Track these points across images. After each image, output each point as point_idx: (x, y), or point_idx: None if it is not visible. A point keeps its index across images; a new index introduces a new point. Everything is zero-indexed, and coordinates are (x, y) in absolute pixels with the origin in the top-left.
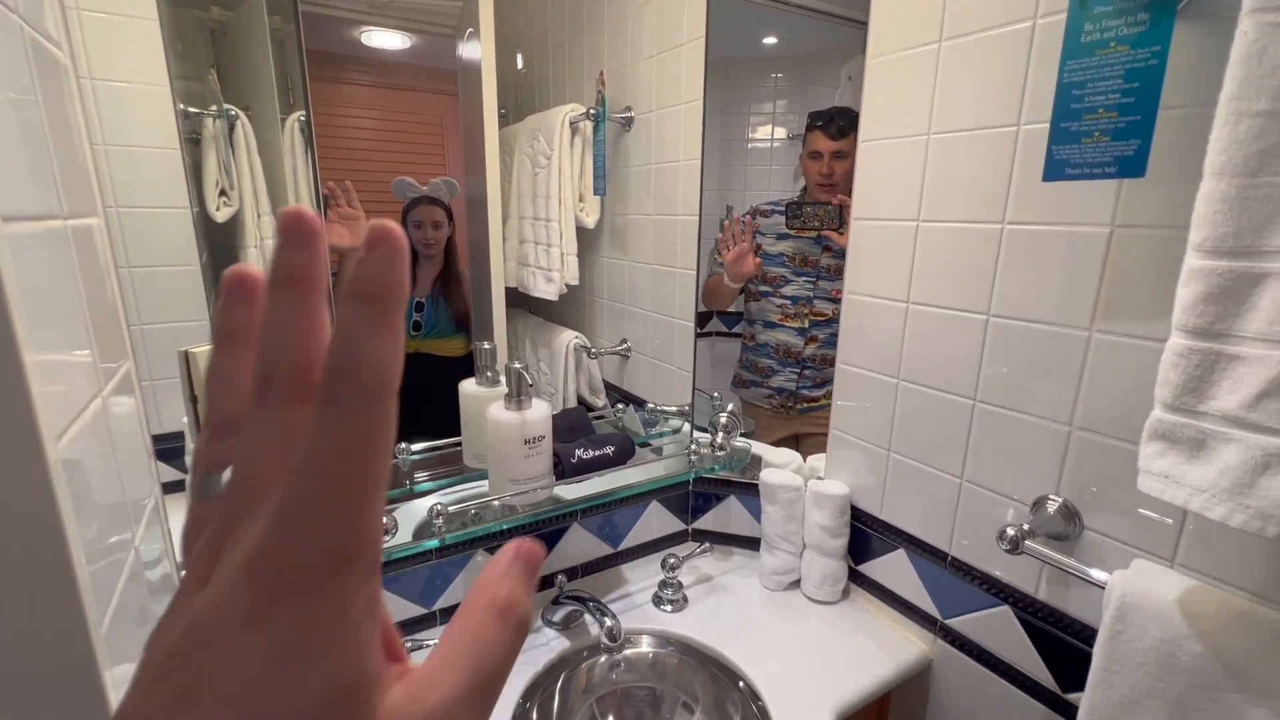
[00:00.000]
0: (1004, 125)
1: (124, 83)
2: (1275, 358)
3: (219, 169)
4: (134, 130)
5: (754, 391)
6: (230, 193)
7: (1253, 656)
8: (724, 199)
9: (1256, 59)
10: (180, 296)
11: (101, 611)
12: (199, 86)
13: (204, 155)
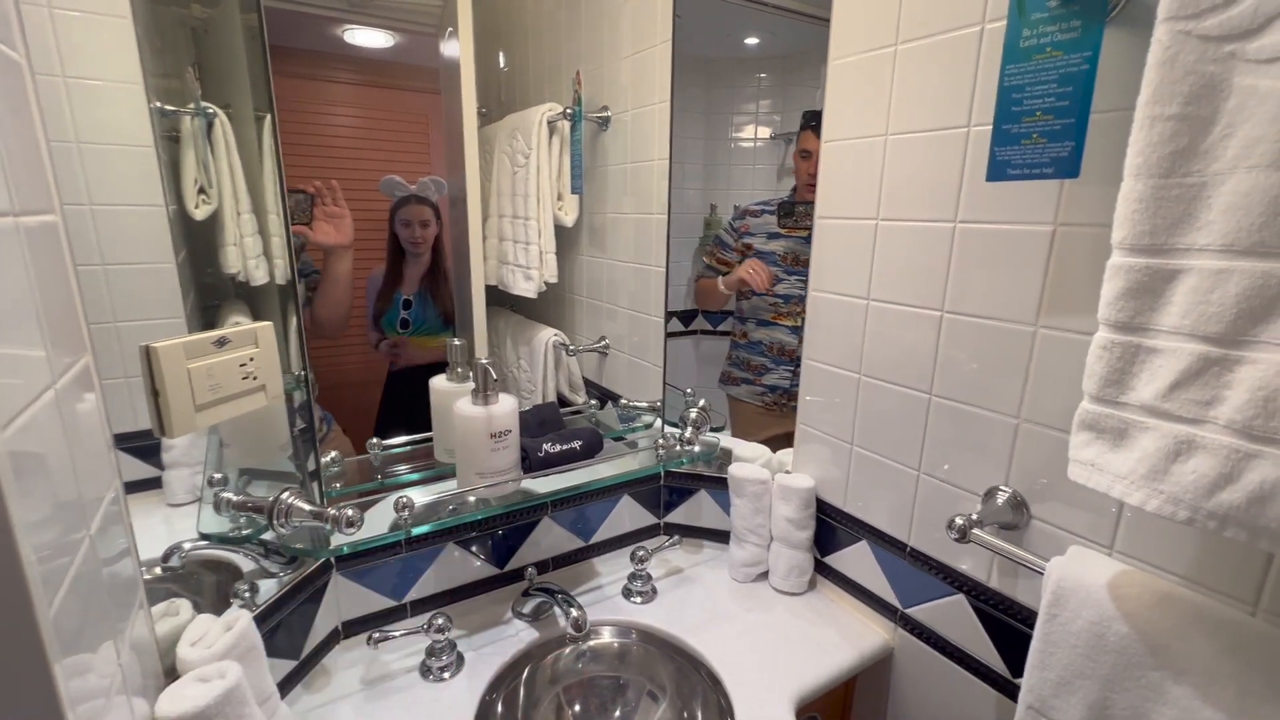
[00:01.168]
0: (955, 126)
1: (99, 81)
2: (1186, 350)
3: (198, 167)
4: (108, 128)
5: (745, 389)
6: (209, 190)
7: (1173, 635)
8: (708, 198)
9: (1169, 65)
10: (155, 294)
11: (49, 598)
12: (178, 84)
13: (182, 153)
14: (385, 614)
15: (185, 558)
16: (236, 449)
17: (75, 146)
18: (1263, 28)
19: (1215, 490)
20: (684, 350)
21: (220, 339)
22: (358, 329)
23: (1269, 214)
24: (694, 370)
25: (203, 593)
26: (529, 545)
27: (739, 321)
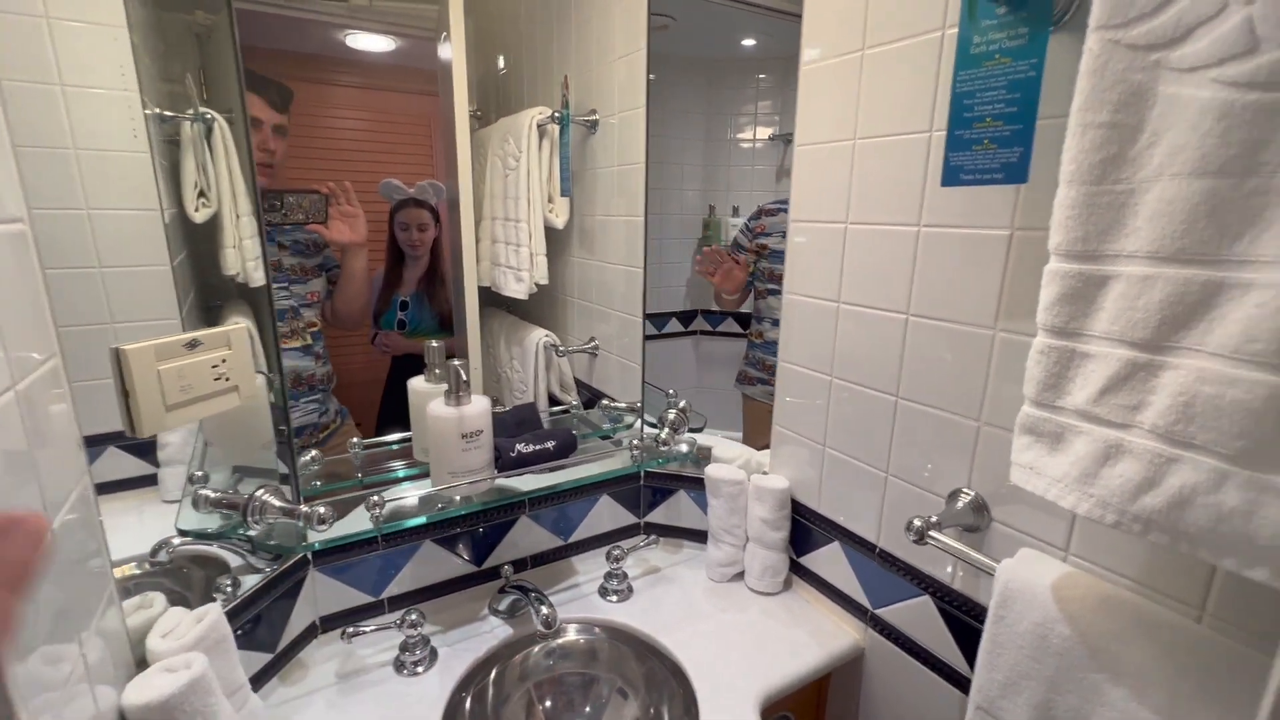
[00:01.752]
0: (918, 131)
1: (98, 89)
2: (1115, 355)
3: (198, 171)
4: (105, 135)
5: (760, 389)
6: (209, 194)
7: (1111, 637)
8: (707, 198)
9: (1099, 73)
10: (150, 296)
11: None
12: (180, 89)
13: (183, 157)
14: (363, 609)
15: (173, 553)
16: (220, 448)
17: (73, 153)
18: (1185, 37)
19: (1139, 494)
20: (684, 350)
21: (191, 341)
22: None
23: (1189, 221)
24: (694, 370)
25: (191, 587)
26: (507, 544)
27: (756, 321)
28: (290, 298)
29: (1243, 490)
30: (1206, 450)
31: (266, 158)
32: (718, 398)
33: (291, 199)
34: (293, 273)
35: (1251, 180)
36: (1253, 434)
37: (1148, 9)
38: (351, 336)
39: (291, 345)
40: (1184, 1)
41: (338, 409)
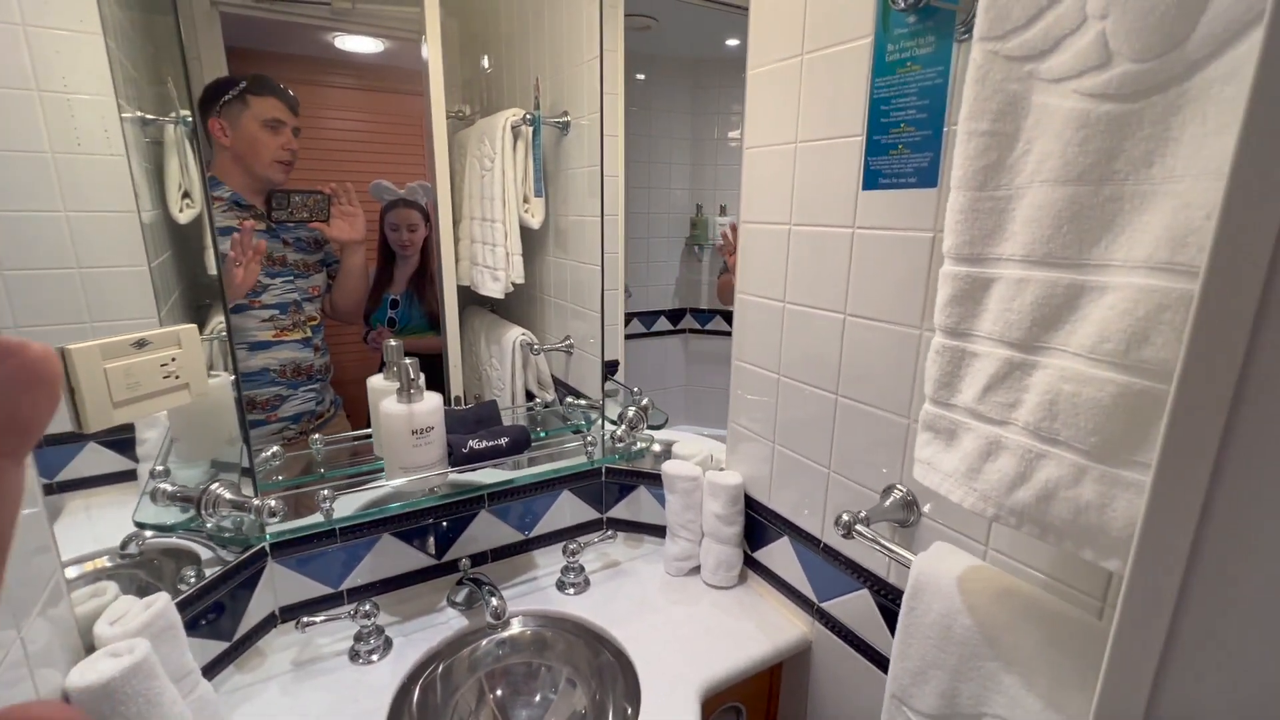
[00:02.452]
0: (851, 135)
1: (78, 95)
2: (997, 355)
3: (181, 172)
4: (85, 138)
5: None
6: (192, 194)
7: (1004, 627)
8: (694, 197)
9: (981, 83)
10: (128, 296)
11: None
12: (163, 92)
13: (166, 159)
14: (322, 600)
15: (144, 546)
16: (186, 442)
17: (50, 156)
18: (1053, 48)
19: (1014, 488)
20: (673, 348)
21: (140, 340)
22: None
23: (1055, 226)
24: (682, 368)
25: (163, 579)
26: (467, 538)
27: None
28: (294, 291)
29: (1097, 484)
30: (1067, 446)
31: (289, 157)
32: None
33: (297, 198)
34: (296, 268)
35: (1107, 187)
36: (1104, 430)
37: (1021, 22)
38: (349, 332)
39: (293, 337)
40: (1051, 15)
41: (333, 399)
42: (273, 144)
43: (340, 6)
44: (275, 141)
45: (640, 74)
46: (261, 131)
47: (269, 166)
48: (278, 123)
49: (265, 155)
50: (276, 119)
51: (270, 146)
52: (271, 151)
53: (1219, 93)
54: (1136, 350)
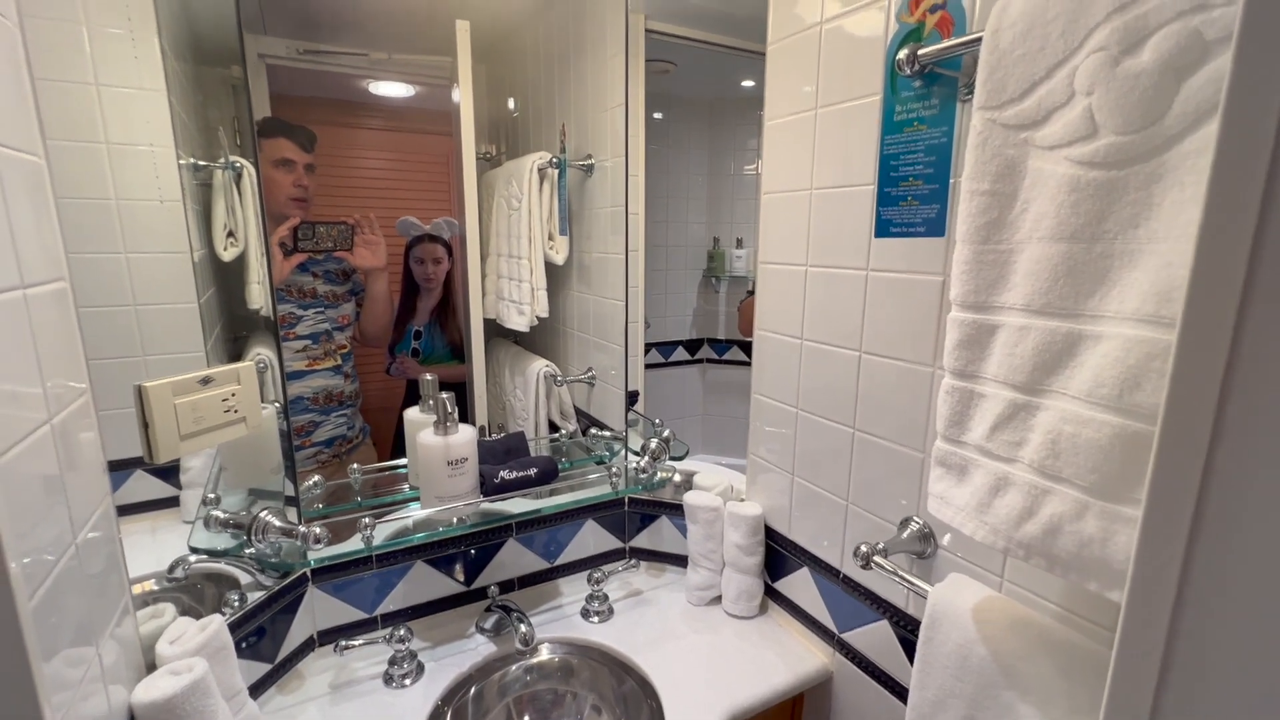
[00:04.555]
0: (863, 184)
1: (140, 146)
2: (1002, 395)
3: (227, 213)
4: (144, 186)
5: None
6: (236, 234)
7: (1019, 656)
8: (711, 230)
9: (981, 147)
10: (180, 331)
11: (30, 592)
12: (214, 139)
13: (214, 201)
14: (358, 625)
15: (189, 570)
16: (234, 471)
17: (114, 203)
18: (1044, 120)
19: (1021, 522)
20: (691, 378)
21: (205, 378)
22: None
23: (1052, 279)
24: (700, 397)
25: (204, 602)
26: (495, 565)
27: None
28: (325, 321)
29: (1099, 519)
30: (1070, 483)
31: (302, 193)
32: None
33: (322, 229)
34: (326, 299)
35: (1098, 245)
36: (1103, 469)
37: (1016, 94)
38: (375, 362)
39: (325, 365)
40: (1043, 89)
41: (362, 425)
42: (286, 182)
43: (377, 57)
44: (288, 179)
45: (658, 113)
46: (274, 171)
47: (285, 204)
48: (289, 162)
49: (280, 193)
50: (287, 159)
51: (284, 184)
52: (285, 189)
53: (1194, 164)
54: (1129, 395)
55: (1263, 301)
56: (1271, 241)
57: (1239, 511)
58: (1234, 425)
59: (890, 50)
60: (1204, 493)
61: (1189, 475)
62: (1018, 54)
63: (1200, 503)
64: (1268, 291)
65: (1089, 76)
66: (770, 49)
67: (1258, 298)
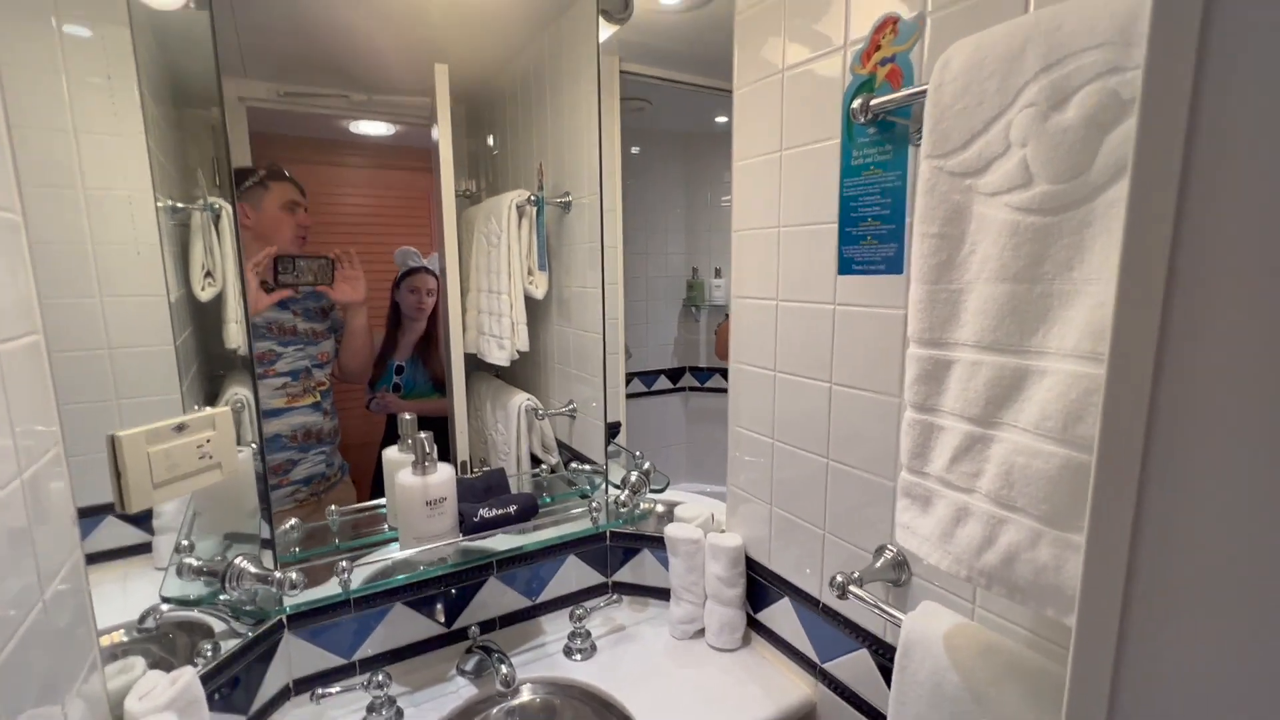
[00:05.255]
0: (827, 222)
1: (118, 190)
2: (960, 428)
3: (205, 254)
4: (121, 230)
5: None
6: (214, 274)
7: (988, 682)
8: (690, 261)
9: (930, 193)
10: (156, 373)
11: None
12: (193, 180)
13: (192, 242)
14: (335, 671)
15: (161, 619)
16: (208, 516)
17: (90, 247)
18: (985, 168)
19: (981, 551)
20: (673, 407)
21: (180, 425)
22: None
23: (998, 317)
24: (683, 426)
25: (177, 653)
26: (477, 604)
27: None
28: (305, 359)
29: (1052, 547)
30: (1024, 512)
31: (304, 233)
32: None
33: (303, 263)
34: (306, 336)
35: (1038, 286)
36: (1053, 499)
37: (959, 144)
38: (354, 398)
39: (304, 402)
40: (983, 140)
41: (340, 463)
42: (290, 222)
43: (358, 99)
44: (293, 220)
45: (636, 147)
46: (281, 213)
47: (290, 243)
48: (294, 204)
49: (286, 233)
50: (293, 201)
51: (289, 225)
52: (290, 229)
53: (1118, 211)
54: (1073, 428)
55: (1179, 338)
56: (1182, 283)
57: (1171, 533)
58: (1161, 453)
59: (846, 99)
60: (1139, 518)
61: (1125, 502)
62: (958, 107)
63: (1136, 526)
64: (1182, 329)
65: (1022, 130)
66: (737, 94)
67: (1173, 334)
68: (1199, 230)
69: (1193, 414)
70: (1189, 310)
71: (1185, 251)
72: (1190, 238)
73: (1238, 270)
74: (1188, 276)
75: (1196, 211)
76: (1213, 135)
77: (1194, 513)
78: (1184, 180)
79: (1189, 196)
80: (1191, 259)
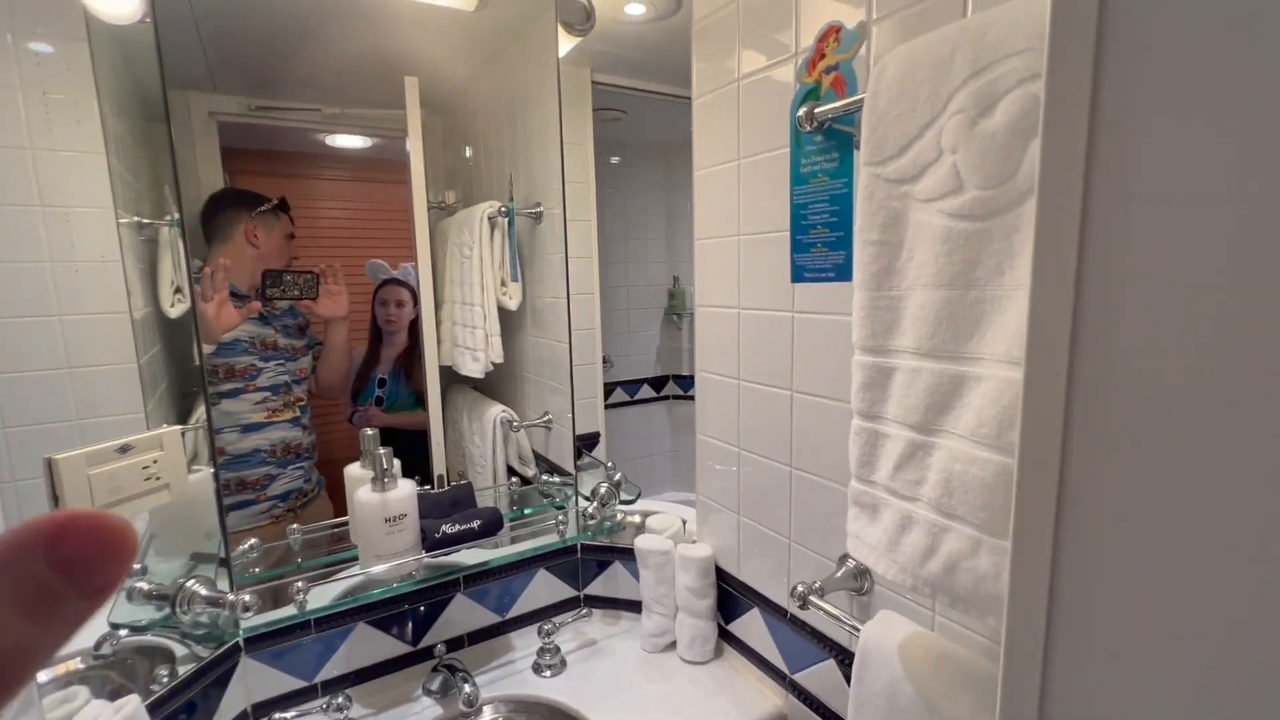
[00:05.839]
0: (783, 230)
1: (81, 208)
2: (902, 436)
3: (174, 270)
4: (82, 247)
5: None
6: (184, 289)
7: (941, 694)
8: (671, 269)
9: (868, 200)
10: (116, 392)
11: None
12: (160, 194)
13: (160, 257)
14: (296, 694)
15: (117, 645)
16: (165, 538)
17: (49, 266)
18: (919, 175)
19: (925, 560)
20: (657, 415)
21: (124, 446)
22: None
23: (935, 323)
24: (668, 434)
25: (135, 679)
26: (444, 622)
27: None
28: (285, 374)
29: (991, 555)
30: (963, 520)
31: (294, 263)
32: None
33: (289, 277)
34: (286, 352)
35: (972, 292)
36: (990, 505)
37: (895, 151)
38: (336, 413)
39: (283, 417)
40: (917, 147)
41: (318, 478)
42: (289, 250)
43: (331, 112)
44: (290, 248)
45: (615, 157)
46: (284, 241)
47: (285, 269)
48: (292, 236)
49: (284, 259)
50: (292, 233)
51: (288, 252)
52: (285, 258)
53: None
54: (1006, 434)
55: (1091, 341)
56: (1090, 289)
57: (1090, 534)
58: (1077, 456)
59: (793, 107)
60: (1060, 525)
61: (1045, 507)
62: (893, 114)
63: (1058, 530)
64: (1093, 337)
65: (952, 136)
66: (696, 102)
67: (1085, 338)
68: (1105, 232)
69: (1108, 415)
70: (1100, 314)
71: (1092, 255)
72: (1096, 240)
73: (1145, 271)
74: (1096, 280)
75: (1102, 213)
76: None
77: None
78: (1088, 182)
79: (1093, 200)
80: (1099, 263)
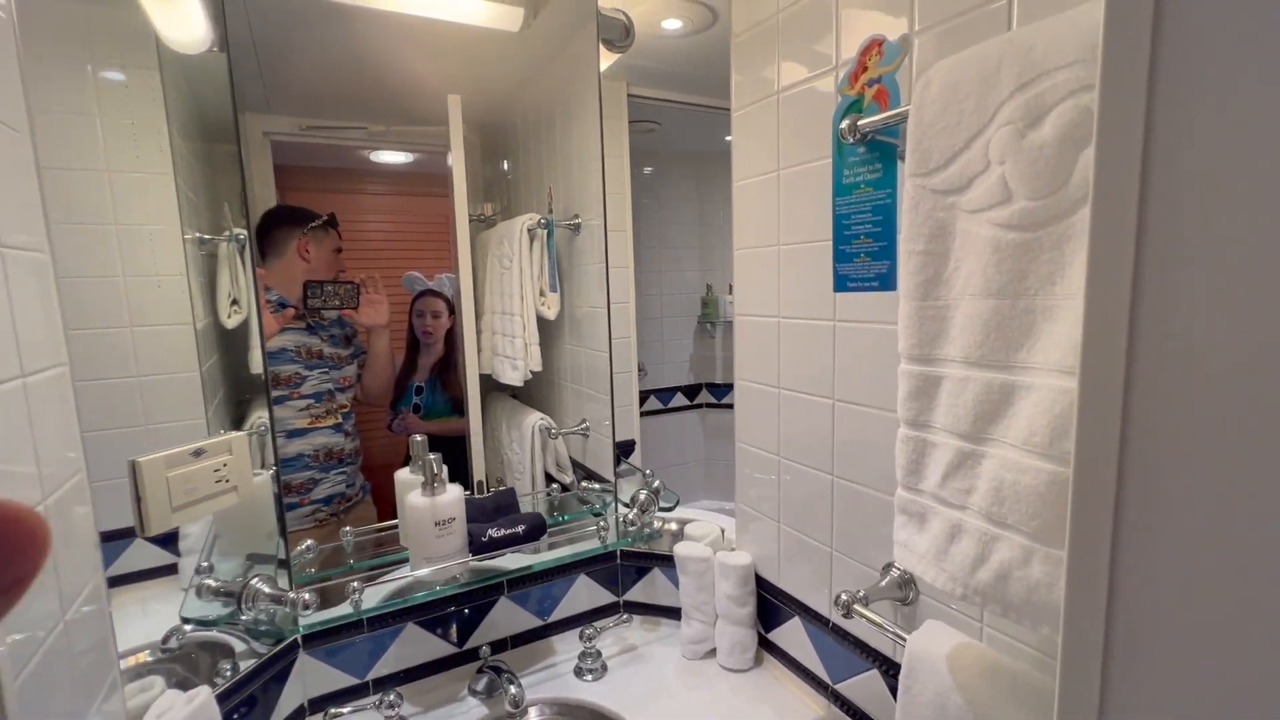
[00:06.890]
0: (824, 240)
1: (150, 226)
2: (951, 445)
3: (231, 283)
4: (151, 262)
5: None
6: (240, 301)
7: (992, 705)
8: (704, 278)
9: (915, 210)
10: (180, 398)
11: (16, 671)
12: (219, 211)
13: (219, 271)
14: (350, 691)
15: (184, 639)
16: (228, 537)
17: (121, 280)
18: (967, 186)
19: (975, 569)
20: (691, 423)
21: (198, 450)
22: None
23: (984, 333)
24: (700, 442)
25: (199, 672)
26: (488, 624)
27: None
28: (328, 382)
29: (1044, 564)
30: (1015, 529)
31: (340, 266)
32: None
33: (330, 287)
34: (331, 360)
35: (1022, 301)
36: (1042, 514)
37: (941, 162)
38: (377, 420)
39: (326, 424)
40: (964, 158)
41: (362, 483)
42: (336, 264)
43: (376, 130)
44: (338, 262)
45: (648, 167)
46: (332, 255)
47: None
48: (340, 250)
49: (332, 272)
50: (340, 247)
51: (336, 265)
52: (333, 271)
53: None
54: (1059, 443)
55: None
56: (1147, 298)
57: (1149, 544)
58: (1135, 465)
59: (836, 119)
60: (1117, 530)
61: (1103, 516)
62: (939, 127)
63: (1115, 538)
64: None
65: (1000, 148)
66: (735, 114)
67: (1141, 352)
68: (1160, 240)
69: (1166, 423)
70: (1156, 321)
71: (1149, 264)
72: (1152, 248)
73: (1201, 278)
74: (1152, 288)
75: (1158, 221)
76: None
77: (1172, 523)
78: (1143, 192)
79: (1149, 211)
80: (1155, 271)
